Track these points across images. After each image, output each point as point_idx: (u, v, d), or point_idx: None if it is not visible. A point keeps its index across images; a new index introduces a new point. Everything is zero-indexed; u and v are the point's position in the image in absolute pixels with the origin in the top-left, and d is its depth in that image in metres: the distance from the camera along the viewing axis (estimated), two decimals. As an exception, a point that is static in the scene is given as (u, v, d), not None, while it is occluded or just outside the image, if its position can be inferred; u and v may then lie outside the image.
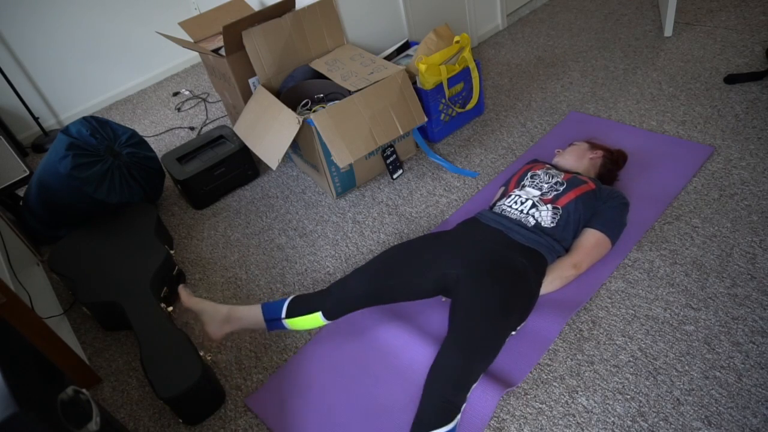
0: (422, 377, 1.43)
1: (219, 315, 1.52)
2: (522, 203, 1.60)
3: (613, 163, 1.81)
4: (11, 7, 3.01)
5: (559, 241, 1.54)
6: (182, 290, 1.58)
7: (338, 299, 1.48)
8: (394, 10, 2.53)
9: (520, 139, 2.23)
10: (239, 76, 2.25)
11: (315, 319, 1.49)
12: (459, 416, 1.23)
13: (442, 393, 1.22)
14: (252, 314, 1.53)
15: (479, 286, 1.36)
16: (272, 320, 1.51)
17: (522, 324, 1.43)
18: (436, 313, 1.60)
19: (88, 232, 2.02)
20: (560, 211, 1.55)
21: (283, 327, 1.52)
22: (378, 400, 1.41)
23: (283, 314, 1.50)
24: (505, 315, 1.32)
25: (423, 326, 1.57)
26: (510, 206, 1.61)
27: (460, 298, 1.36)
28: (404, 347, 1.51)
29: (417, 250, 1.51)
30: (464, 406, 1.25)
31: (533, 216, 1.55)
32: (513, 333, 1.41)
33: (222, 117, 2.94)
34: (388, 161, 2.16)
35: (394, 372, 1.47)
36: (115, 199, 2.08)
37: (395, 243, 1.89)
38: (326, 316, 1.49)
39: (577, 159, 1.77)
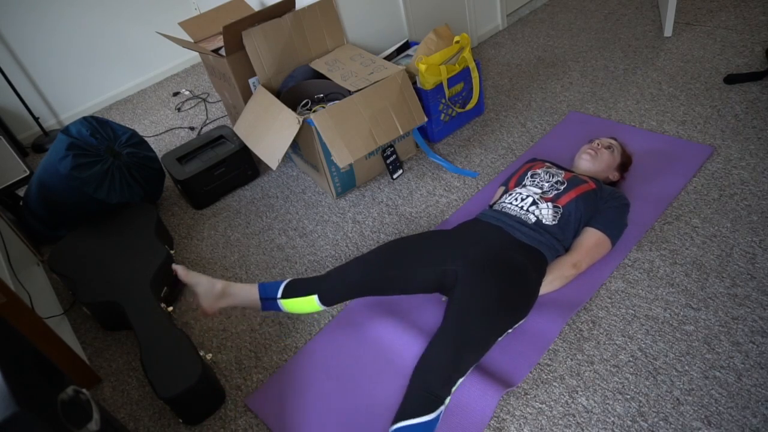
0: (422, 377, 1.43)
1: (214, 289, 1.53)
2: (522, 200, 1.60)
3: (618, 183, 1.83)
4: (11, 7, 3.01)
5: (559, 239, 1.54)
6: (178, 267, 1.56)
7: (335, 284, 1.49)
8: (394, 10, 2.53)
9: (520, 139, 2.23)
10: (239, 76, 2.25)
11: (310, 302, 1.50)
12: (443, 408, 1.23)
13: (428, 385, 1.23)
14: (247, 291, 1.54)
15: (477, 283, 1.36)
16: (267, 299, 1.52)
17: (520, 322, 1.43)
18: (436, 313, 1.60)
19: (88, 232, 2.02)
20: (561, 210, 1.55)
21: (277, 307, 1.53)
22: (378, 399, 1.41)
23: (279, 294, 1.51)
24: (500, 312, 1.33)
25: (423, 326, 1.57)
26: (510, 203, 1.61)
27: (458, 293, 1.37)
28: (404, 347, 1.51)
29: (418, 244, 1.51)
30: (449, 399, 1.25)
31: (534, 213, 1.55)
32: (509, 331, 1.41)
33: (222, 117, 2.94)
34: (388, 161, 2.16)
35: (394, 372, 1.47)
36: (115, 199, 2.08)
37: (395, 243, 1.89)
38: (322, 300, 1.49)
39: (603, 170, 1.73)
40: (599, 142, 1.77)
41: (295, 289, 1.51)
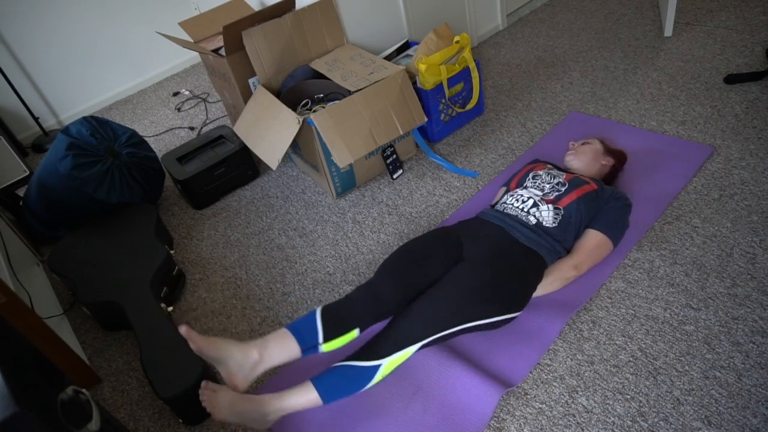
0: (422, 377, 1.42)
1: (250, 360, 1.27)
2: (523, 201, 1.60)
3: (618, 169, 1.82)
4: (11, 7, 3.01)
5: (560, 241, 1.54)
6: (188, 332, 1.24)
7: (368, 306, 1.36)
8: (394, 10, 2.53)
9: (520, 139, 2.23)
10: (239, 76, 2.25)
11: (351, 336, 1.35)
12: (382, 363, 1.29)
13: (378, 343, 1.31)
14: (286, 348, 1.30)
15: (475, 266, 1.41)
16: (309, 348, 1.32)
17: (506, 316, 1.39)
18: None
19: (88, 232, 2.02)
20: (562, 212, 1.55)
21: (317, 352, 1.34)
22: (378, 399, 1.41)
23: (320, 339, 1.32)
24: (485, 295, 1.35)
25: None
26: (511, 204, 1.61)
27: (455, 270, 1.41)
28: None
29: (426, 240, 1.50)
30: (387, 360, 1.29)
31: (534, 215, 1.55)
32: (490, 321, 1.36)
33: (222, 117, 2.94)
34: (388, 161, 2.16)
35: (395, 371, 1.46)
36: (115, 199, 2.08)
37: (395, 243, 1.89)
38: (362, 330, 1.36)
39: (592, 161, 1.75)
40: (573, 143, 1.84)
41: (335, 328, 1.33)
